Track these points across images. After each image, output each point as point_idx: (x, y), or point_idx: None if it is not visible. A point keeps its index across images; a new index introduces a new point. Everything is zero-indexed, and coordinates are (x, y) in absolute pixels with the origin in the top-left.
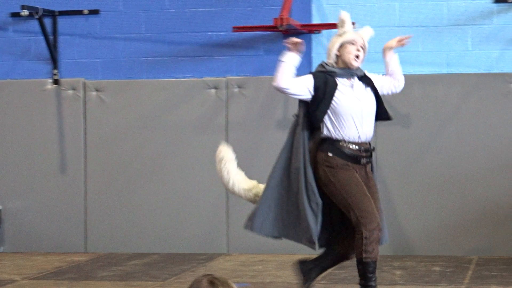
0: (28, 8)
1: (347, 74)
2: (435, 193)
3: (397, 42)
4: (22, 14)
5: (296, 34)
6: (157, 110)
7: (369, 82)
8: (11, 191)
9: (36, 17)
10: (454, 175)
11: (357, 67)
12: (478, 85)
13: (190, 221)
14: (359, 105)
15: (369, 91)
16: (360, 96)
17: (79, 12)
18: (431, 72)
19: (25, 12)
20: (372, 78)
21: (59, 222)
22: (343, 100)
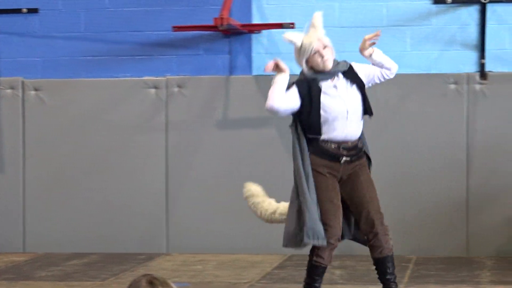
0: None
1: (329, 75)
2: None
3: (367, 43)
4: None
5: (236, 34)
6: (96, 109)
7: (354, 77)
8: None
9: None
10: (394, 175)
11: (334, 66)
12: (417, 85)
13: (129, 220)
14: (344, 105)
15: (354, 89)
16: (344, 95)
17: (18, 11)
18: None
19: None
20: (358, 70)
21: None
22: (329, 102)
